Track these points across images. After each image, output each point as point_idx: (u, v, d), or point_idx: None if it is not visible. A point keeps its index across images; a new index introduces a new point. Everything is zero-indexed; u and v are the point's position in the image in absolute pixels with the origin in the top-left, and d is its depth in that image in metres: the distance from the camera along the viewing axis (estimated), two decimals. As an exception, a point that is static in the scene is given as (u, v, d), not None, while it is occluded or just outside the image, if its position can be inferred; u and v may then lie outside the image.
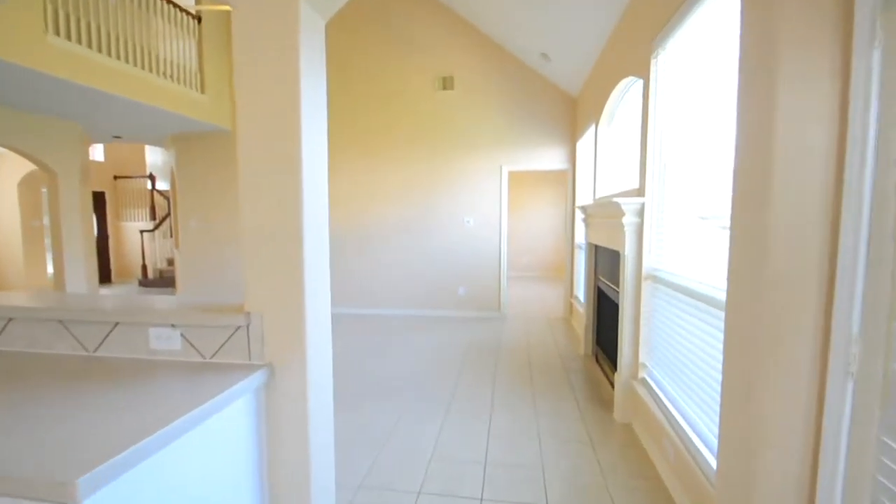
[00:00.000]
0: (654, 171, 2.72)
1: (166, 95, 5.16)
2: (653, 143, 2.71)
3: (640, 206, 2.77)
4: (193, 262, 6.55)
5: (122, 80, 4.59)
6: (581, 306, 5.12)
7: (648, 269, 2.76)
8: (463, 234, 5.91)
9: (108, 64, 4.41)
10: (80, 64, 4.15)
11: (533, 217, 9.85)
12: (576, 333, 5.08)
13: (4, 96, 4.50)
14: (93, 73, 4.27)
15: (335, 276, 6.29)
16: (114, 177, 9.01)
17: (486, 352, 4.41)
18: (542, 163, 5.72)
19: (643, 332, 2.80)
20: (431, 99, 5.85)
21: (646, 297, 2.77)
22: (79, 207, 5.73)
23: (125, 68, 4.63)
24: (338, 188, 6.11)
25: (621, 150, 3.99)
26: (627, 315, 2.86)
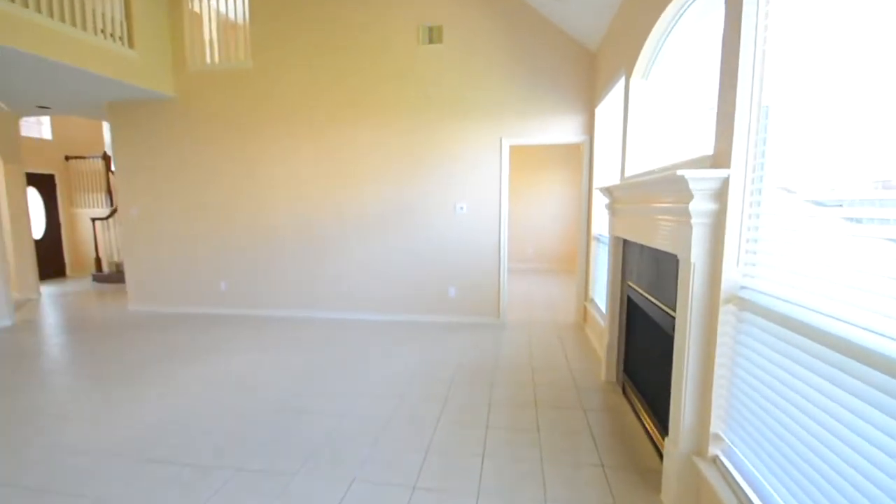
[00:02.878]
0: (746, 124, 1.66)
1: (78, 49, 4.07)
2: (745, 73, 1.64)
3: (721, 184, 1.71)
4: (138, 259, 5.54)
5: (8, 25, 3.51)
6: (600, 315, 4.08)
7: (732, 287, 1.71)
8: (455, 222, 4.86)
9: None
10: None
11: (540, 200, 8.75)
12: (592, 348, 4.06)
13: None
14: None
15: (300, 273, 5.28)
16: (65, 157, 7.95)
17: (478, 378, 3.40)
18: (552, 134, 4.63)
19: (719, 386, 1.77)
20: (414, 55, 4.74)
21: (726, 331, 1.74)
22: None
23: (14, 10, 3.55)
24: (302, 170, 5.05)
25: (667, 107, 2.89)
26: (692, 355, 1.83)
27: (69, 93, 4.91)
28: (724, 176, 1.69)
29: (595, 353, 3.91)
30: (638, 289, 2.73)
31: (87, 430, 2.65)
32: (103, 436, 2.58)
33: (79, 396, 3.11)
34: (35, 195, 7.57)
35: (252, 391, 3.16)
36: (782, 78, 1.55)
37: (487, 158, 4.74)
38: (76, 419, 2.78)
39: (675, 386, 1.93)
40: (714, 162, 1.82)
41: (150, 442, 2.51)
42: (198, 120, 5.18)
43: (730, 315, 1.72)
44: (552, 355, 3.87)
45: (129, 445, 2.48)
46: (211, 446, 2.46)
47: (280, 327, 4.80)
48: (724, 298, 1.72)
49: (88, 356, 3.92)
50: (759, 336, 1.57)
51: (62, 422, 2.75)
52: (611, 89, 3.74)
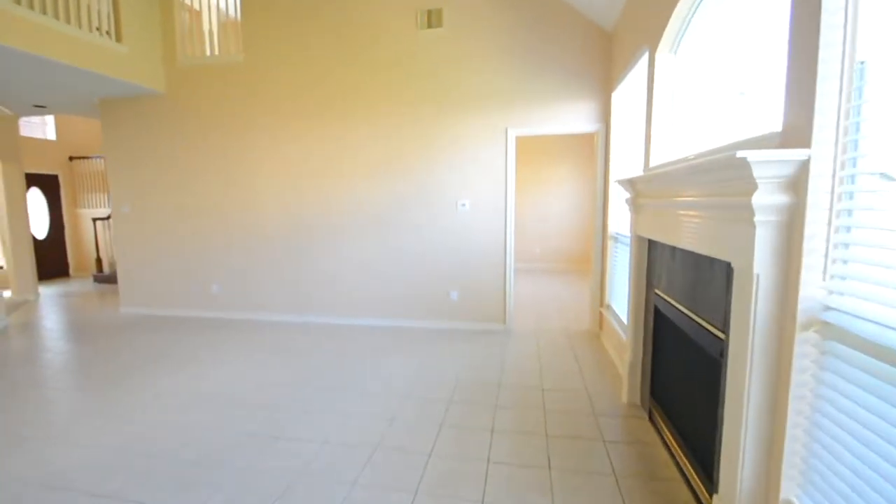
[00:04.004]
0: (832, 88, 1.22)
1: (64, 43, 3.77)
2: (832, 14, 1.20)
3: (798, 169, 1.28)
4: (130, 259, 5.24)
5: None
6: (618, 324, 3.65)
7: (813, 308, 1.28)
8: (456, 220, 4.44)
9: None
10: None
11: (549, 196, 8.30)
12: (609, 361, 3.63)
13: None
14: None
15: (293, 276, 4.90)
16: (69, 157, 7.71)
17: (480, 397, 2.99)
18: (563, 124, 4.19)
19: (793, 438, 1.34)
20: (412, 41, 4.32)
21: (805, 365, 1.31)
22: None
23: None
24: (294, 166, 4.67)
25: (702, 85, 2.45)
26: (754, 394, 1.40)
27: (59, 90, 4.63)
28: (802, 158, 1.26)
29: (613, 368, 3.47)
30: (669, 299, 2.30)
31: (35, 454, 2.30)
32: (50, 461, 2.24)
33: (39, 412, 2.77)
34: (39, 196, 7.37)
35: (229, 408, 2.79)
36: (889, 16, 1.11)
37: (492, 151, 4.32)
38: (28, 439, 2.44)
39: (728, 432, 1.51)
40: (784, 141, 1.39)
41: (102, 470, 2.17)
42: (188, 116, 4.85)
43: (809, 346, 1.29)
44: (565, 370, 3.45)
45: (76, 475, 2.13)
46: (172, 478, 2.11)
47: (270, 333, 4.43)
48: (801, 322, 1.29)
49: (65, 365, 3.60)
50: (853, 375, 1.15)
51: (8, 443, 2.39)
52: (631, 69, 3.29)
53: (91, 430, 2.59)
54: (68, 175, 7.87)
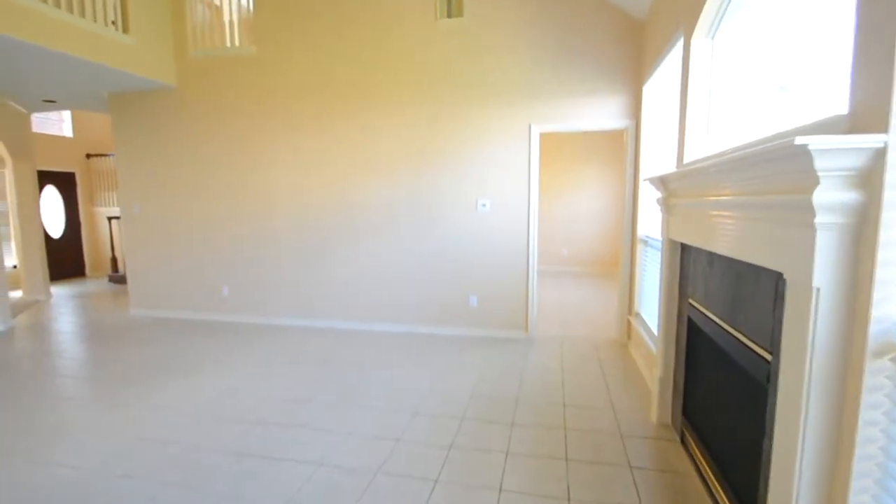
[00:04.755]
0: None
1: (68, 33, 3.77)
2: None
3: (870, 160, 1.04)
4: (140, 259, 5.28)
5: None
6: (648, 334, 3.37)
7: (888, 332, 1.03)
8: (476, 222, 4.26)
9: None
10: None
11: (574, 196, 7.98)
12: (639, 374, 3.35)
13: None
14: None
15: (303, 278, 4.77)
16: (86, 155, 7.92)
17: (496, 413, 2.79)
18: (590, 119, 3.94)
19: (862, 489, 1.09)
20: (431, 32, 4.17)
21: (877, 400, 1.06)
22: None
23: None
24: (306, 165, 4.60)
25: (743, 70, 2.18)
26: (811, 432, 1.16)
27: (64, 83, 4.64)
28: (876, 146, 1.02)
29: (643, 383, 3.20)
30: (705, 311, 2.04)
31: (6, 473, 2.24)
32: (22, 480, 2.16)
33: (25, 423, 2.74)
34: (55, 194, 7.56)
35: (224, 424, 2.69)
36: None
37: (514, 148, 4.11)
38: (5, 454, 2.40)
39: (777, 471, 1.26)
40: (853, 125, 1.14)
41: (77, 493, 2.06)
42: (199, 112, 4.83)
43: (883, 377, 1.05)
44: (590, 384, 3.20)
45: (47, 498, 2.03)
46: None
47: (279, 338, 4.36)
48: (873, 349, 1.04)
49: (61, 372, 3.57)
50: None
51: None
52: (663, 58, 3.02)
53: (72, 445, 2.47)
54: (85, 173, 7.94)
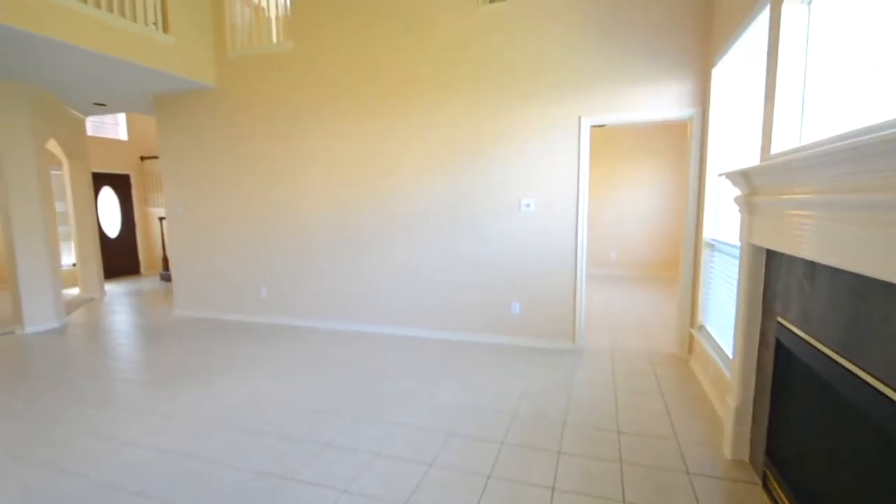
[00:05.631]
0: None
1: (105, 34, 3.80)
2: None
3: None
4: (183, 260, 5.35)
5: (30, 9, 3.27)
6: (716, 351, 2.95)
7: None
8: (519, 222, 3.96)
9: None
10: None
11: (626, 194, 7.47)
12: (703, 396, 2.94)
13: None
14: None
15: (339, 280, 4.63)
16: (140, 157, 8.26)
17: (540, 438, 2.49)
18: (648, 110, 3.53)
19: None
20: (472, 19, 3.90)
21: None
22: (36, 189, 4.65)
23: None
24: (344, 163, 4.45)
25: (850, 39, 1.77)
26: None
27: (110, 85, 4.73)
28: None
29: (710, 408, 2.79)
30: (804, 335, 1.66)
31: (21, 482, 2.18)
32: (26, 491, 2.09)
33: (48, 427, 2.71)
34: (111, 195, 7.92)
35: (247, 436, 2.55)
36: None
37: (562, 143, 3.77)
38: (24, 459, 2.35)
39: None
40: None
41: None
42: (237, 111, 4.81)
43: None
44: (647, 406, 2.83)
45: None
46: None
47: (313, 342, 4.24)
48: None
49: (93, 373, 3.57)
50: None
51: (11, 457, 2.33)
52: (741, 34, 2.60)
53: (90, 453, 2.40)
54: (139, 174, 8.26)
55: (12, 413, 2.87)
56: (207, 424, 2.69)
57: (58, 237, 5.02)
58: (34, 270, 4.66)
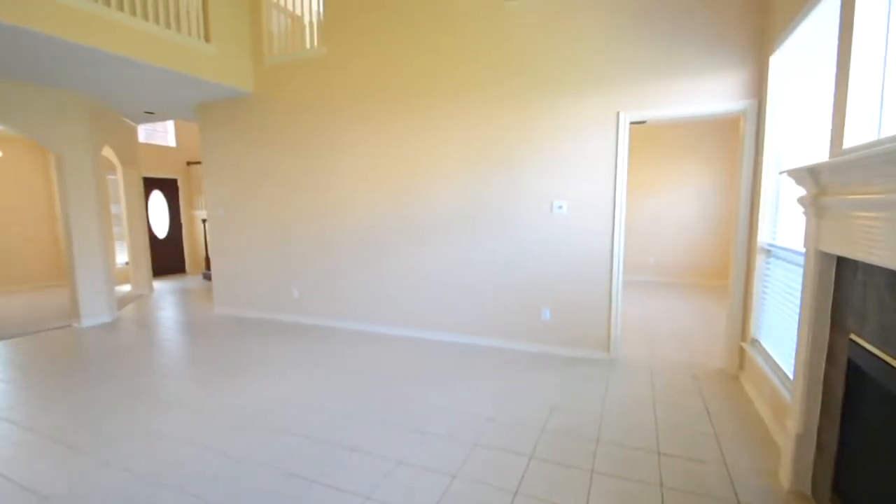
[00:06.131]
0: None
1: (151, 44, 3.94)
2: None
3: None
4: (223, 260, 5.50)
5: (83, 22, 3.44)
6: (771, 368, 2.67)
7: None
8: (551, 225, 3.78)
9: (62, 1, 3.28)
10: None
11: (668, 194, 7.09)
12: (756, 417, 2.67)
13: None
14: (32, 12, 3.15)
15: (366, 282, 4.60)
16: (187, 163, 8.64)
17: (571, 458, 2.32)
18: (695, 104, 3.28)
19: None
20: (498, 14, 3.77)
21: None
22: (92, 192, 4.91)
23: (87, 6, 3.47)
24: (371, 166, 4.42)
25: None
26: None
27: (156, 94, 4.93)
28: None
29: (764, 431, 2.53)
30: (886, 357, 1.43)
31: (52, 469, 2.23)
32: (73, 478, 2.14)
33: (92, 418, 2.80)
34: (161, 198, 8.32)
35: (276, 434, 2.53)
36: None
37: (598, 141, 3.57)
38: (69, 447, 2.42)
39: None
40: None
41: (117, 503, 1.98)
42: (273, 117, 4.90)
43: None
44: (691, 426, 2.60)
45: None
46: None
47: (340, 343, 4.23)
48: None
49: (143, 365, 3.72)
50: None
51: (41, 445, 2.40)
52: (807, 14, 2.34)
53: (130, 445, 2.46)
54: (185, 179, 8.68)
55: (67, 402, 3.00)
56: (241, 422, 2.70)
57: (112, 237, 5.28)
58: (90, 268, 4.91)
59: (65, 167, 4.67)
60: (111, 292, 5.16)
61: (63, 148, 4.64)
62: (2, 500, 2.02)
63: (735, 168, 6.45)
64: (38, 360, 3.84)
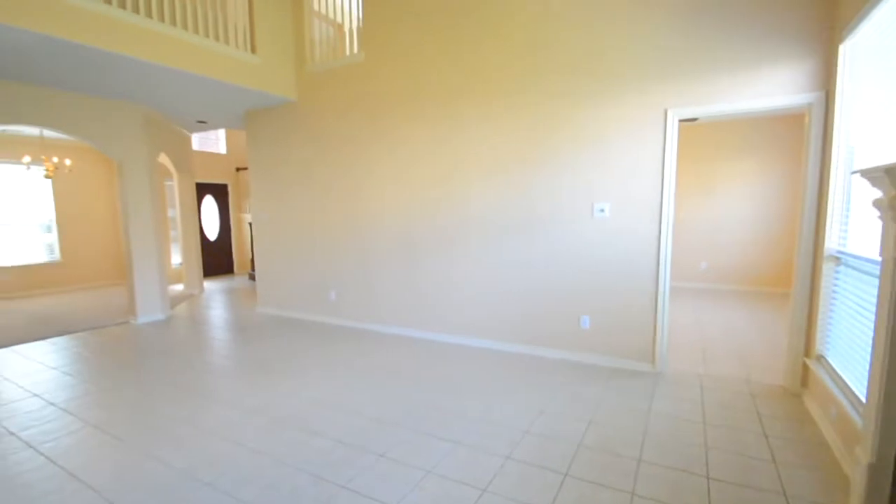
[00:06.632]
0: None
1: (207, 58, 4.14)
2: None
3: None
4: (265, 260, 5.69)
5: (134, 36, 3.66)
6: (842, 391, 2.41)
7: None
8: (592, 229, 3.62)
9: (121, 19, 3.51)
10: (89, 22, 3.29)
11: (721, 195, 6.66)
12: (822, 444, 2.41)
13: (51, 76, 4.01)
14: (96, 30, 3.38)
15: (402, 286, 4.61)
16: (236, 168, 9.05)
17: (610, 476, 2.17)
18: (749, 98, 3.03)
19: None
20: (541, 6, 3.65)
21: None
22: (148, 197, 5.23)
23: (144, 23, 3.69)
24: (408, 169, 4.42)
25: None
26: None
27: (207, 104, 5.18)
28: None
29: (831, 459, 2.27)
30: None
31: (112, 458, 2.34)
32: (119, 468, 2.23)
33: (141, 411, 2.94)
34: (212, 202, 8.76)
35: (308, 436, 2.55)
36: None
37: (643, 140, 3.39)
38: (117, 439, 2.54)
39: None
40: None
41: (156, 497, 2.05)
42: (312, 121, 5.02)
43: None
44: (746, 448, 2.38)
45: (130, 495, 2.05)
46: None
47: (375, 346, 4.24)
48: None
49: (190, 361, 3.89)
50: None
51: (75, 434, 2.53)
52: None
53: (172, 439, 2.56)
54: (235, 184, 9.13)
55: (120, 395, 3.19)
56: (275, 421, 2.76)
57: (169, 240, 5.59)
58: (145, 269, 5.23)
59: (124, 174, 5.00)
60: (165, 292, 5.47)
61: (123, 156, 4.97)
62: (52, 487, 2.15)
63: (798, 167, 5.96)
64: (98, 354, 4.11)
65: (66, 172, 6.97)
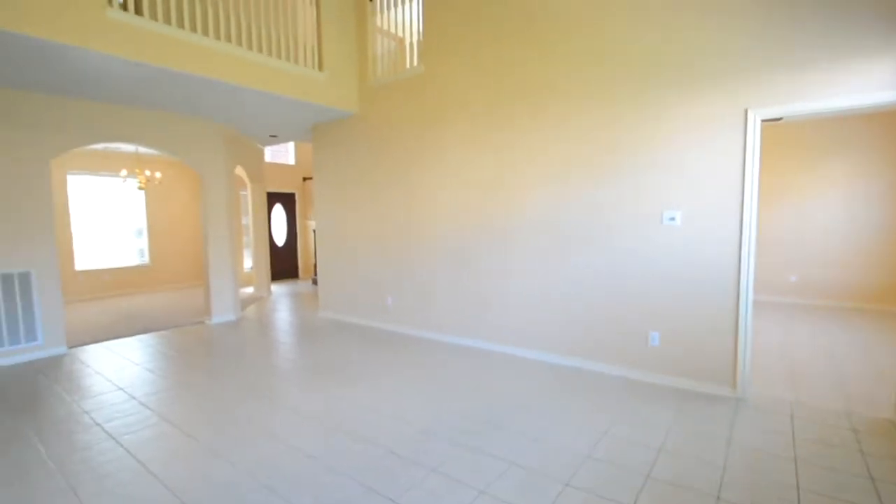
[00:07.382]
0: None
1: (277, 76, 4.40)
2: None
3: None
4: (328, 267, 5.91)
5: (224, 62, 3.95)
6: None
7: None
8: (662, 239, 3.36)
9: (200, 43, 3.81)
10: (163, 46, 3.61)
11: (809, 201, 5.99)
12: (955, 497, 2.02)
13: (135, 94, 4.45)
14: (184, 57, 3.70)
15: (458, 294, 4.59)
16: (303, 178, 9.54)
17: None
18: (843, 94, 2.66)
19: None
20: (603, 20, 3.48)
21: None
22: (225, 207, 5.62)
23: (221, 47, 3.98)
24: (468, 177, 4.38)
25: None
26: None
27: (277, 119, 5.50)
28: None
29: (965, 516, 1.90)
30: None
31: (180, 457, 2.47)
32: (186, 467, 2.34)
33: (208, 409, 3.10)
34: (281, 210, 9.29)
35: (362, 444, 2.56)
36: None
37: (720, 143, 3.10)
38: (186, 437, 2.68)
39: None
40: None
41: (219, 496, 2.12)
42: (374, 135, 5.15)
43: None
44: (847, 492, 2.05)
45: (195, 493, 2.15)
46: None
47: (429, 354, 4.22)
48: None
49: (256, 362, 4.08)
50: None
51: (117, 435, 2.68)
52: None
53: (234, 441, 2.67)
54: (301, 193, 9.63)
55: (193, 393, 3.41)
56: (330, 427, 2.80)
57: (242, 246, 5.99)
58: (220, 273, 5.62)
59: (206, 186, 5.41)
60: (236, 294, 5.84)
61: (205, 169, 5.39)
62: (125, 479, 2.30)
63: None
64: (176, 352, 4.45)
65: (156, 184, 7.72)
